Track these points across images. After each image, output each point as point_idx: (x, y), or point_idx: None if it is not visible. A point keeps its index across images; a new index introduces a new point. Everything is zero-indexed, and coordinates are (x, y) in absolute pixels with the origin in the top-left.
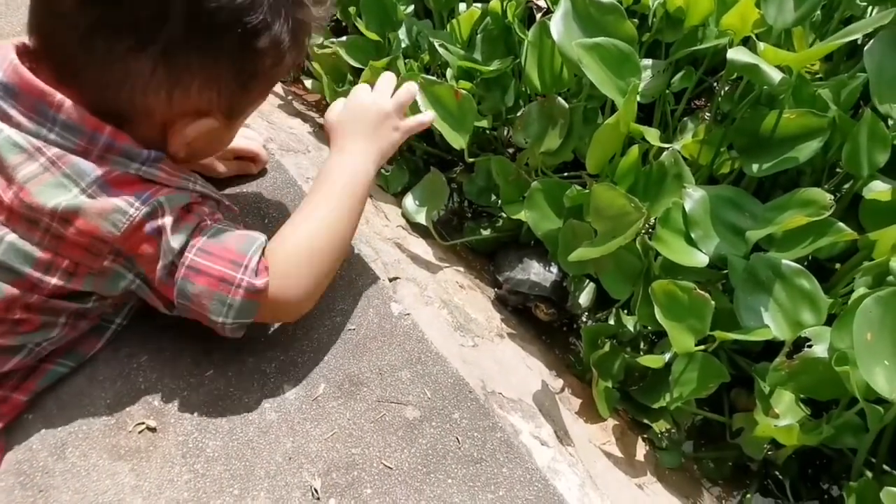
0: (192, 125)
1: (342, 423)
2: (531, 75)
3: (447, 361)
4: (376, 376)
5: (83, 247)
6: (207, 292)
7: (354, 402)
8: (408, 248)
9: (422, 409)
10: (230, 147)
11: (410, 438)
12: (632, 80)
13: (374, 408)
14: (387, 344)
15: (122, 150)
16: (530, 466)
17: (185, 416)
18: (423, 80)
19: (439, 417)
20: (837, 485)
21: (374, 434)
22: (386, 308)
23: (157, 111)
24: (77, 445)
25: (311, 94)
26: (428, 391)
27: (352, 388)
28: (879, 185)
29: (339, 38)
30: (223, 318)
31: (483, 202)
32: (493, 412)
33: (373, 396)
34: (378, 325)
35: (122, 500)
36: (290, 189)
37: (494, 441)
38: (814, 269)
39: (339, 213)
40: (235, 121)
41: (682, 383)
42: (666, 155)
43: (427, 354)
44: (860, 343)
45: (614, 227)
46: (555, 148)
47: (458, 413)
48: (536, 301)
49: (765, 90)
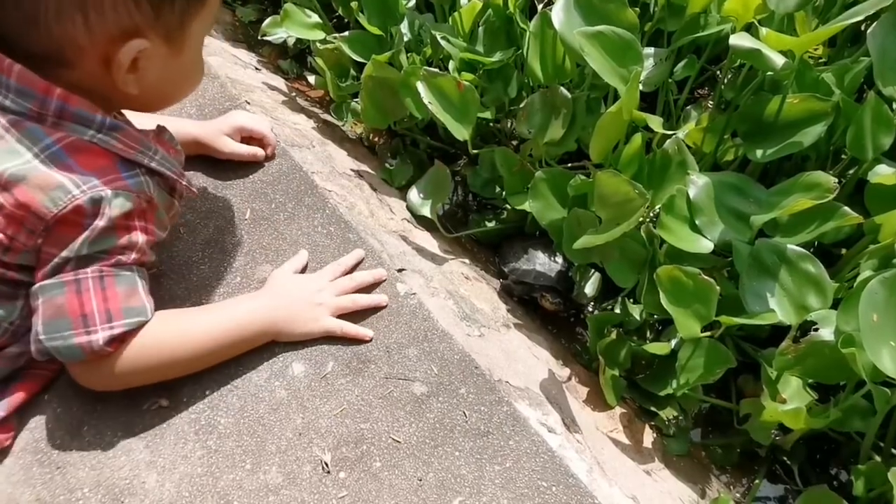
0: (123, 49)
1: (351, 400)
2: (533, 66)
3: (453, 339)
4: (384, 354)
5: (19, 221)
6: (63, 313)
7: (363, 379)
8: (413, 241)
9: (429, 385)
10: (236, 126)
11: (418, 413)
12: (634, 68)
13: (382, 384)
14: (394, 322)
15: (75, 116)
16: (536, 439)
17: (196, 394)
18: (425, 73)
19: (446, 393)
20: (846, 469)
21: (382, 409)
22: (392, 288)
23: (82, 42)
24: (92, 424)
25: (315, 90)
26: (435, 367)
27: (360, 365)
28: (884, 168)
29: (341, 34)
30: (48, 342)
31: (487, 194)
32: (498, 388)
33: (380, 373)
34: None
35: (137, 476)
36: (296, 175)
37: (501, 414)
38: (819, 254)
39: (216, 347)
40: (181, 45)
41: (689, 370)
42: (669, 143)
43: (433, 332)
44: (866, 325)
45: (618, 214)
46: (558, 138)
47: (465, 388)
48: (542, 291)
49: (768, 76)
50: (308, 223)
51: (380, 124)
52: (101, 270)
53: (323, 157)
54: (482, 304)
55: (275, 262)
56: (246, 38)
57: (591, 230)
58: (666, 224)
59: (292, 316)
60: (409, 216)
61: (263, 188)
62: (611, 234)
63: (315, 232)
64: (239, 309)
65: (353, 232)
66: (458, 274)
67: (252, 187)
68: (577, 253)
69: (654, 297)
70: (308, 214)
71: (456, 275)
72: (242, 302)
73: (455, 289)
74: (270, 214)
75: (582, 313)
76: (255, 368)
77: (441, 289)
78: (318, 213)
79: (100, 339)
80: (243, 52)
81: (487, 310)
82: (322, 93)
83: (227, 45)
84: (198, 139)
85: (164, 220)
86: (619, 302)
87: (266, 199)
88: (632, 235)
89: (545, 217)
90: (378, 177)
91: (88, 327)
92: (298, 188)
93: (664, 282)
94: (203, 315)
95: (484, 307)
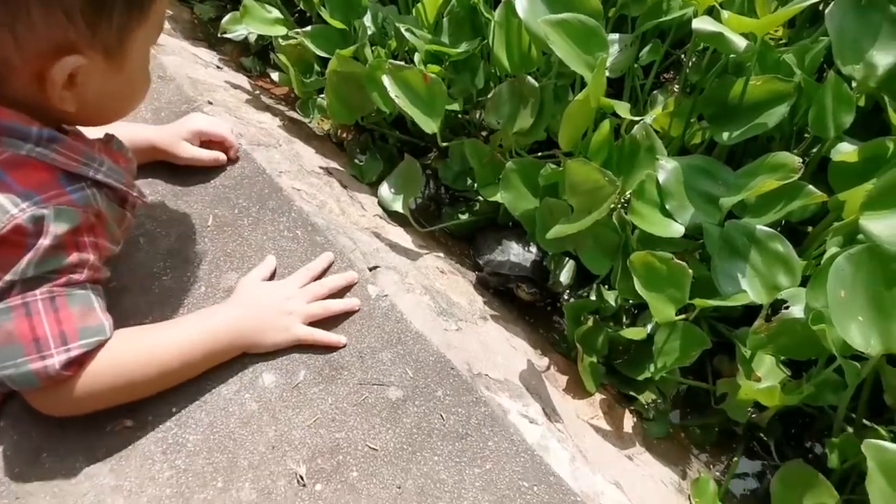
0: (57, 65)
1: (324, 409)
2: (500, 56)
3: (427, 340)
4: (357, 359)
5: None
6: (13, 339)
7: (336, 387)
8: (386, 237)
9: (404, 389)
10: (194, 130)
11: (394, 419)
12: (600, 55)
13: (356, 391)
14: (366, 326)
15: (9, 130)
16: (516, 438)
17: (162, 412)
18: (391, 66)
19: (422, 396)
20: (820, 442)
21: (357, 417)
22: (364, 291)
23: (12, 58)
24: (52, 450)
25: (279, 87)
26: (410, 371)
27: (332, 372)
28: (846, 146)
29: (303, 29)
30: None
31: (459, 186)
32: (476, 388)
33: (354, 380)
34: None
35: (101, 502)
36: (259, 177)
37: (479, 415)
38: (786, 233)
39: (183, 363)
40: (122, 60)
41: (666, 353)
42: (637, 128)
43: (407, 334)
44: (835, 301)
45: (590, 202)
46: (527, 127)
47: (441, 390)
48: (517, 282)
49: (731, 59)
50: (273, 227)
51: (347, 120)
52: (51, 291)
53: (290, 155)
54: (458, 298)
55: (241, 269)
56: (206, 36)
57: (563, 219)
58: (637, 210)
59: (262, 327)
60: (381, 212)
61: (226, 193)
62: (583, 222)
63: (281, 236)
64: (205, 322)
65: (320, 234)
66: (434, 268)
67: (214, 192)
68: (551, 242)
69: (628, 283)
70: (273, 218)
71: (431, 269)
72: (209, 314)
73: (431, 283)
74: (234, 220)
75: (558, 302)
76: (224, 381)
77: (416, 284)
78: (283, 216)
79: (56, 364)
80: (204, 50)
81: (464, 303)
82: (287, 90)
83: (187, 43)
84: (154, 145)
85: (117, 234)
86: (594, 289)
87: (229, 204)
88: (604, 222)
89: (517, 208)
90: (348, 173)
91: (42, 352)
92: (262, 191)
93: (638, 268)
94: (167, 330)
95: (460, 300)
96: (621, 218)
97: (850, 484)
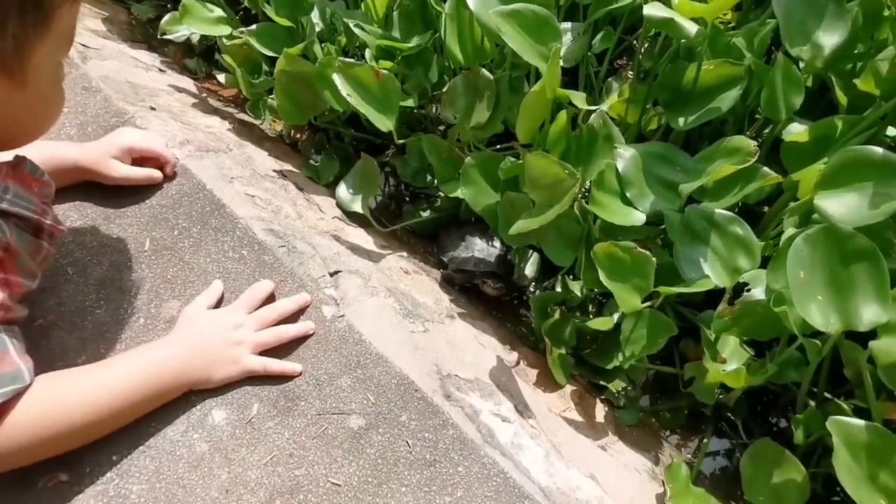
0: None
1: (281, 444)
2: (452, 49)
3: (389, 361)
4: (314, 388)
5: None
6: None
7: (292, 419)
8: (346, 240)
9: (366, 417)
10: (124, 146)
11: (357, 450)
12: (553, 44)
13: (315, 422)
14: (322, 351)
15: None
16: (487, 462)
17: (102, 461)
18: (341, 64)
19: (386, 423)
20: (785, 417)
21: (317, 451)
22: (317, 312)
23: None
24: None
25: (227, 89)
26: (371, 396)
27: (288, 404)
28: (797, 126)
29: (248, 27)
30: None
31: (419, 183)
32: (442, 410)
33: (312, 410)
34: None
35: None
36: (199, 194)
37: (447, 439)
38: (744, 214)
39: (121, 408)
40: (23, 77)
41: (633, 341)
42: (594, 117)
43: (367, 357)
44: (794, 282)
45: (551, 195)
46: (484, 121)
47: (406, 415)
48: (483, 277)
49: (682, 44)
50: (217, 248)
51: (299, 120)
52: None
53: (242, 160)
54: (424, 298)
55: (183, 297)
56: (145, 38)
57: (525, 213)
58: (598, 199)
59: (209, 361)
60: (340, 214)
61: (163, 213)
62: (544, 217)
63: (226, 258)
64: (145, 359)
65: (268, 253)
66: (397, 269)
67: (150, 213)
68: (514, 237)
69: (593, 273)
70: (217, 238)
71: (395, 270)
72: (149, 350)
73: (395, 285)
74: (173, 243)
75: (524, 295)
76: (170, 422)
77: (380, 287)
78: (227, 235)
79: None
80: (144, 52)
81: (430, 303)
82: (235, 91)
83: (125, 46)
84: (80, 165)
85: (31, 267)
86: (559, 280)
87: (167, 225)
88: (566, 214)
89: (479, 203)
90: (303, 175)
91: None
92: (203, 209)
93: (601, 259)
94: (101, 372)
95: (426, 300)
96: (583, 208)
97: (815, 457)
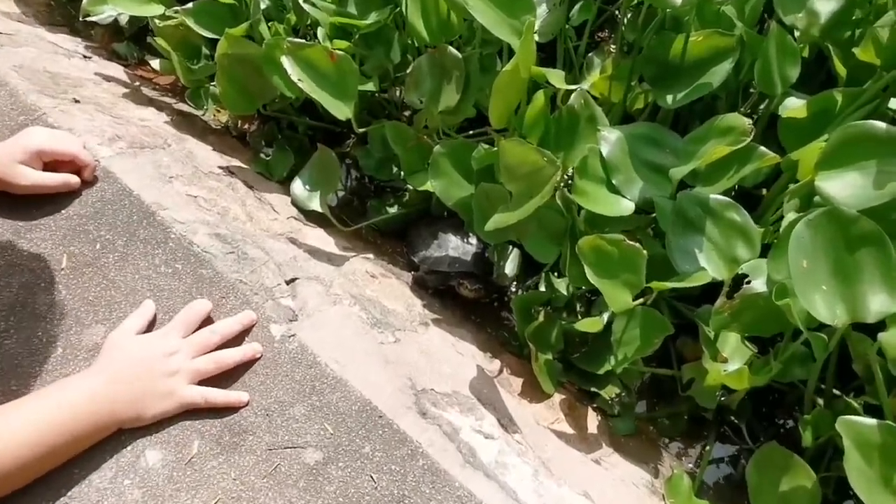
0: None
1: (226, 486)
2: (416, 25)
3: (349, 385)
4: (263, 419)
5: None
6: None
7: (239, 457)
8: (304, 242)
9: (324, 450)
10: (32, 149)
11: (315, 488)
12: (526, 18)
13: (265, 459)
14: (271, 376)
15: None
16: (463, 494)
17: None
18: (290, 45)
19: (347, 455)
20: (792, 417)
21: (268, 491)
22: (264, 332)
23: None
24: None
25: (163, 76)
26: (329, 426)
27: (234, 439)
28: (794, 101)
29: (184, 6)
30: None
31: (384, 176)
32: (410, 438)
33: (261, 445)
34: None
35: None
36: (125, 201)
37: (417, 471)
38: (741, 199)
39: (36, 455)
40: None
41: (626, 343)
42: (575, 97)
43: (323, 381)
44: (797, 272)
45: (529, 185)
46: (453, 105)
47: (369, 446)
48: (459, 278)
49: (668, 13)
50: (147, 262)
51: (246, 109)
52: None
53: (182, 156)
54: (394, 304)
55: (108, 321)
56: (66, 20)
57: (502, 206)
58: (581, 188)
59: (139, 395)
60: (296, 213)
61: (83, 224)
62: (523, 210)
63: (157, 273)
64: (65, 396)
65: (206, 266)
66: (362, 273)
67: (67, 225)
68: (491, 233)
69: (578, 269)
70: (146, 251)
71: (360, 274)
72: (68, 385)
73: (360, 291)
74: (95, 258)
75: (505, 296)
76: (97, 467)
77: (344, 294)
78: (158, 247)
79: None
80: (65, 37)
81: (401, 309)
82: (172, 79)
83: (43, 30)
84: None
85: None
86: (543, 278)
87: (88, 238)
88: (546, 205)
89: (451, 196)
90: (253, 171)
91: None
92: (130, 218)
93: (587, 254)
94: (14, 412)
95: (396, 307)
96: (565, 198)
97: (825, 460)
